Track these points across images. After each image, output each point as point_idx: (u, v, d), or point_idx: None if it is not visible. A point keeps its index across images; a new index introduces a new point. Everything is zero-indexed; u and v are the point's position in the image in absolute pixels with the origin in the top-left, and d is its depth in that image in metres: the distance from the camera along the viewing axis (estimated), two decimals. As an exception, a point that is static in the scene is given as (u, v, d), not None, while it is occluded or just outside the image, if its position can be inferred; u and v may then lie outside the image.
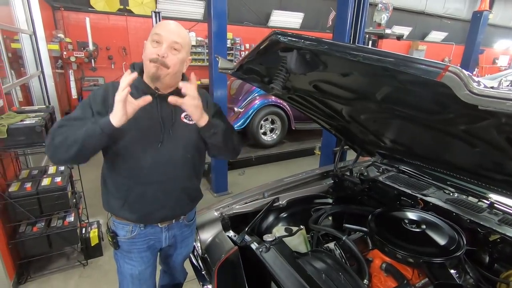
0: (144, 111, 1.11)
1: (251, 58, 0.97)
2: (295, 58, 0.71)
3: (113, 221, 1.26)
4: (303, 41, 0.66)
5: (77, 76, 6.15)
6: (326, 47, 0.63)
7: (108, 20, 6.63)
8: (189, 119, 1.21)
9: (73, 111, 1.15)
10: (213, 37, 2.95)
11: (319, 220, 1.71)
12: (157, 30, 1.09)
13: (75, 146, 1.01)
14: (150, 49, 1.09)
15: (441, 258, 1.22)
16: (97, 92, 1.16)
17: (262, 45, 0.80)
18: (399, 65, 0.51)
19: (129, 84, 0.98)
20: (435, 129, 1.02)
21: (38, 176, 2.28)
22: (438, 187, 1.77)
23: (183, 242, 1.44)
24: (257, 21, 8.34)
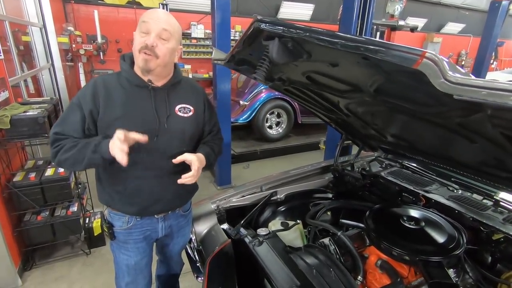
0: (138, 105, 1.13)
1: (239, 48, 0.94)
2: (277, 46, 0.68)
3: (109, 212, 1.27)
4: (283, 28, 0.63)
5: (87, 69, 6.22)
6: (307, 34, 0.60)
7: (117, 13, 6.65)
8: (184, 112, 1.20)
9: (64, 113, 1.14)
10: (216, 29, 2.91)
11: (317, 215, 1.68)
12: (145, 18, 1.06)
13: (79, 167, 1.09)
14: (138, 39, 1.06)
15: (439, 257, 1.18)
16: (86, 91, 1.12)
17: (247, 33, 0.77)
18: (376, 52, 0.48)
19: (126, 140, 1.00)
20: (432, 123, 0.97)
21: (43, 166, 2.32)
22: (442, 184, 1.71)
23: (179, 232, 1.44)
24: (267, 13, 8.21)
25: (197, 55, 7.42)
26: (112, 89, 1.11)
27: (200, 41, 7.36)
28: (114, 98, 1.11)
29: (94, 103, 1.09)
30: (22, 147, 2.46)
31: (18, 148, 2.39)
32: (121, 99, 1.11)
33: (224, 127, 1.49)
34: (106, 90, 1.11)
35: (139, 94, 1.14)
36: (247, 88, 4.87)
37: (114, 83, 1.13)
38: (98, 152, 1.04)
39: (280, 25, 0.63)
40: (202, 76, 7.45)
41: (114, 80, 1.14)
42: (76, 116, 1.10)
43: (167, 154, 1.18)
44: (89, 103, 1.09)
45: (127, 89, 1.13)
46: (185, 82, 1.27)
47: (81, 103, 1.10)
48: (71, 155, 1.06)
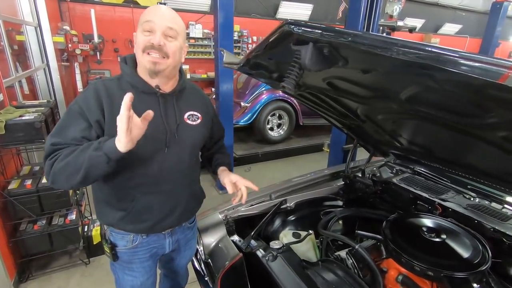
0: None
1: (259, 52, 0.87)
2: (311, 52, 0.60)
3: (111, 231, 1.15)
4: (321, 32, 0.55)
5: (83, 69, 6.10)
6: (350, 39, 0.53)
7: (114, 12, 6.53)
8: (192, 120, 1.13)
9: (62, 121, 0.97)
10: (219, 29, 2.83)
11: (328, 224, 1.61)
12: (148, 17, 0.95)
13: (77, 176, 0.89)
14: (142, 39, 0.95)
15: (464, 273, 1.11)
16: (88, 98, 0.97)
17: (272, 37, 0.69)
18: (446, 63, 0.41)
19: (129, 108, 0.82)
20: (465, 133, 0.91)
21: (39, 173, 2.22)
22: (457, 191, 1.65)
23: (187, 245, 1.36)
24: (265, 13, 8.15)
25: (195, 55, 7.33)
26: (115, 96, 0.98)
27: (198, 41, 7.27)
28: (118, 105, 0.91)
29: (101, 112, 0.96)
30: (18, 152, 2.35)
31: (13, 153, 2.28)
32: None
33: (227, 130, 1.43)
34: (109, 98, 0.97)
35: (146, 101, 1.02)
36: (248, 89, 4.79)
37: (116, 89, 1.00)
38: (102, 149, 0.87)
39: (318, 29, 0.56)
40: (200, 76, 7.36)
41: (115, 86, 1.01)
42: (79, 125, 0.96)
43: (179, 166, 1.11)
44: (95, 113, 0.96)
45: (134, 97, 1.02)
46: (190, 86, 1.19)
47: (84, 112, 0.96)
48: (69, 161, 0.89)
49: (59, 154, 0.92)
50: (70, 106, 0.98)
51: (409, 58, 0.44)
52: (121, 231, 1.13)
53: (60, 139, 0.94)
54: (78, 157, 0.89)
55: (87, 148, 0.90)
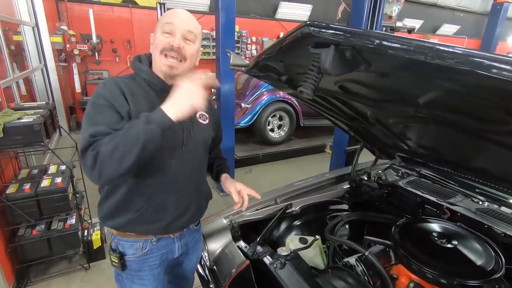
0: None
1: (271, 54, 0.83)
2: (332, 56, 0.57)
3: (118, 240, 1.10)
4: (345, 35, 0.52)
5: (81, 70, 6.04)
6: (377, 42, 0.49)
7: (112, 12, 6.48)
8: (203, 119, 1.15)
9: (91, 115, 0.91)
10: (220, 30, 2.80)
11: (335, 229, 1.58)
12: (168, 19, 0.97)
13: (133, 153, 0.82)
14: (161, 40, 0.96)
15: (478, 281, 1.09)
16: (112, 90, 0.94)
17: (289, 39, 0.66)
18: (490, 69, 0.38)
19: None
20: (483, 137, 0.88)
21: (38, 176, 2.18)
22: (465, 195, 1.63)
23: (194, 247, 1.33)
24: (264, 13, 8.12)
25: (194, 56, 7.27)
26: (135, 93, 0.98)
27: (197, 41, 7.21)
28: (139, 100, 0.97)
29: (127, 102, 0.94)
30: (15, 156, 2.30)
31: (11, 157, 2.23)
32: (146, 103, 0.97)
33: (228, 131, 1.44)
34: (131, 92, 0.97)
35: (162, 99, 0.94)
36: (248, 90, 4.76)
37: (134, 86, 1.00)
38: (153, 121, 0.83)
39: (341, 31, 0.53)
40: (200, 77, 7.30)
41: (132, 83, 1.00)
42: (111, 114, 0.91)
43: (193, 164, 1.12)
44: (123, 104, 0.93)
45: (149, 92, 1.01)
46: None
47: (112, 103, 0.92)
48: (118, 142, 0.82)
49: (101, 141, 0.85)
50: (94, 101, 0.93)
51: (447, 63, 0.41)
52: (130, 239, 1.08)
53: (97, 129, 0.87)
54: (128, 135, 0.83)
55: (134, 125, 0.84)
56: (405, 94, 0.79)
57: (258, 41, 8.35)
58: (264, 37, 8.41)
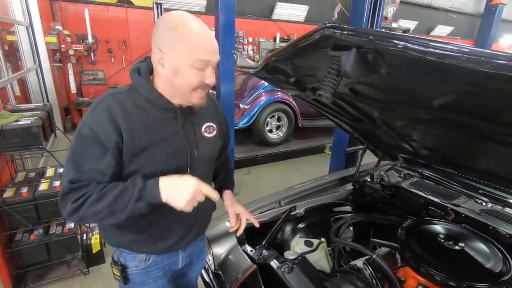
0: (165, 131, 0.93)
1: (283, 56, 0.82)
2: (353, 58, 0.56)
3: (120, 252, 1.06)
4: (369, 37, 0.51)
5: (76, 70, 5.96)
6: (402, 45, 0.48)
7: (107, 12, 6.41)
8: (209, 132, 1.06)
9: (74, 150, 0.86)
10: (220, 31, 2.77)
11: (340, 231, 1.57)
12: (204, 56, 0.84)
13: (115, 219, 0.86)
14: (194, 78, 0.85)
15: (487, 283, 1.08)
16: (101, 120, 0.84)
17: (306, 41, 0.64)
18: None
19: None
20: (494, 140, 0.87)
21: (35, 179, 2.13)
22: (468, 196, 1.63)
23: (199, 258, 1.30)
24: (261, 14, 8.12)
25: (191, 56, 7.23)
26: (132, 115, 0.88)
27: (194, 42, 7.17)
28: (136, 123, 0.87)
29: (117, 132, 0.85)
30: (12, 159, 2.25)
31: (7, 160, 2.18)
32: (144, 125, 0.89)
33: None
34: (125, 115, 0.86)
35: (164, 117, 0.93)
36: (246, 91, 4.74)
37: (131, 105, 0.89)
38: (144, 198, 0.83)
39: (365, 34, 0.51)
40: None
41: (128, 101, 0.89)
42: (95, 152, 0.84)
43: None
44: (111, 137, 0.84)
45: (148, 111, 0.90)
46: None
47: (99, 137, 0.84)
48: (105, 207, 0.83)
49: (84, 197, 0.83)
50: (81, 130, 0.86)
51: (482, 67, 0.40)
52: (132, 252, 1.05)
53: (79, 175, 0.84)
54: (114, 204, 0.83)
55: (124, 195, 0.83)
56: (420, 96, 0.78)
57: (254, 42, 8.34)
58: (261, 38, 8.40)
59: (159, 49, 0.84)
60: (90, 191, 0.84)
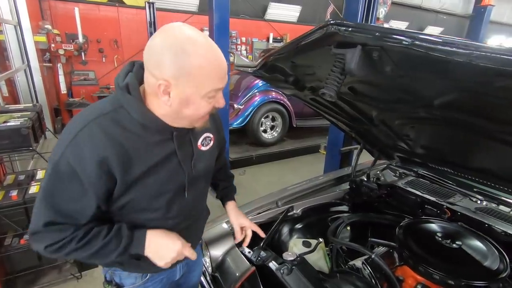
0: (160, 154, 0.83)
1: (283, 54, 0.80)
2: (358, 56, 0.54)
3: (114, 270, 1.00)
4: (376, 33, 0.50)
5: (66, 70, 5.84)
6: (409, 41, 0.47)
7: (98, 11, 6.31)
8: (206, 144, 0.97)
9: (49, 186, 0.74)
10: (214, 30, 2.75)
11: (337, 230, 1.57)
12: (219, 84, 0.76)
13: (95, 261, 0.84)
14: (206, 107, 0.78)
15: (485, 281, 1.09)
16: (84, 155, 0.72)
17: (309, 38, 0.63)
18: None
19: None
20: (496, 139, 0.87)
21: (25, 182, 2.07)
22: (463, 194, 1.65)
23: (196, 264, 1.27)
24: (254, 14, 8.11)
25: (184, 56, 7.17)
26: (121, 140, 0.75)
27: (187, 42, 7.11)
28: (127, 153, 0.76)
29: (105, 168, 0.74)
30: (0, 160, 2.18)
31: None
32: (137, 152, 0.78)
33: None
34: (114, 145, 0.74)
35: (158, 139, 0.82)
36: (240, 91, 4.72)
37: (120, 131, 0.76)
38: (127, 252, 0.80)
39: (371, 30, 0.50)
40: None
41: (115, 125, 0.75)
42: (77, 190, 0.74)
43: (197, 200, 1.02)
44: (98, 171, 0.73)
45: (141, 135, 0.78)
46: None
47: (80, 172, 0.72)
48: (85, 257, 0.78)
49: (62, 243, 0.76)
50: (57, 164, 0.72)
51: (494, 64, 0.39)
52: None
53: (55, 217, 0.74)
54: (96, 255, 0.79)
55: (107, 246, 0.78)
56: (421, 95, 0.78)
57: (248, 42, 8.32)
58: (254, 38, 8.39)
59: (165, 80, 0.70)
60: (69, 237, 0.76)
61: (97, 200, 0.76)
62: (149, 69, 0.73)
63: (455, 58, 0.43)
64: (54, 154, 0.74)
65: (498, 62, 0.38)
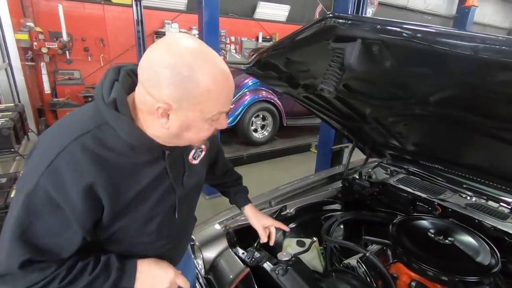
0: (150, 174, 0.76)
1: (278, 50, 0.78)
2: (358, 50, 0.53)
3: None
4: (377, 26, 0.48)
5: (50, 69, 5.66)
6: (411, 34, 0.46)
7: (83, 9, 6.15)
8: (197, 156, 0.90)
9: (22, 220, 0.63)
10: (204, 28, 2.71)
11: (331, 229, 1.56)
12: (223, 107, 0.69)
13: None
14: (208, 131, 0.71)
15: (478, 276, 1.10)
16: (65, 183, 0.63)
17: (306, 32, 0.61)
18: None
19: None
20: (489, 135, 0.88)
21: (7, 185, 1.98)
22: (453, 191, 1.67)
23: (186, 267, 1.23)
24: (243, 13, 8.07)
25: (172, 55, 7.08)
26: (107, 163, 0.67)
27: (175, 41, 7.02)
28: (116, 178, 0.68)
29: (92, 197, 0.66)
30: (-20, 163, 2.08)
31: (-26, 164, 2.02)
32: (126, 175, 0.70)
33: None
34: (101, 170, 0.66)
35: (149, 158, 0.75)
36: (230, 90, 4.68)
37: (104, 151, 0.67)
38: (119, 285, 0.73)
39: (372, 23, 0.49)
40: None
41: (100, 146, 0.66)
42: (58, 223, 0.65)
43: (188, 219, 0.99)
44: (83, 201, 0.65)
45: (128, 155, 0.70)
46: None
47: (61, 203, 0.63)
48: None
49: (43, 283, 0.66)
50: (32, 194, 0.62)
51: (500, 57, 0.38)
52: None
53: (32, 255, 0.64)
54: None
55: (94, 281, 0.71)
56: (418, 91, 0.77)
57: (237, 41, 8.28)
58: (243, 37, 8.36)
59: (166, 102, 0.62)
60: (50, 276, 0.66)
61: (83, 231, 0.67)
62: (145, 87, 0.63)
63: (460, 51, 0.42)
64: (26, 183, 0.63)
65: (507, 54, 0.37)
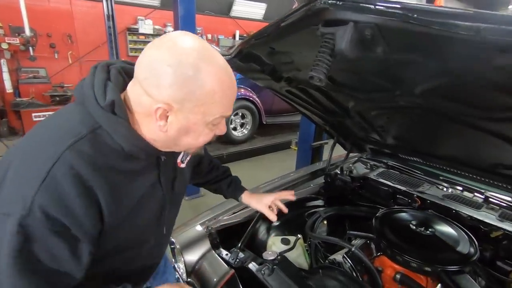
0: (147, 187, 0.73)
1: (262, 39, 0.74)
2: (350, 34, 0.50)
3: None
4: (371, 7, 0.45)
5: (12, 67, 5.27)
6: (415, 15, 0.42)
7: (48, 2, 5.79)
8: (184, 158, 0.85)
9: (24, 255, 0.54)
10: (180, 23, 2.61)
11: (314, 225, 1.55)
12: (226, 111, 0.66)
13: None
14: (207, 136, 0.68)
15: (459, 266, 1.13)
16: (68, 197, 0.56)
17: (293, 17, 0.57)
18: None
19: None
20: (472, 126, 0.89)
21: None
22: (430, 183, 1.72)
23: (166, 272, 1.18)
24: (219, 11, 7.98)
25: (146, 53, 6.86)
26: (106, 171, 0.62)
27: (149, 38, 6.82)
28: (115, 185, 0.64)
29: (96, 210, 0.61)
30: None
31: None
32: (123, 182, 0.66)
33: None
34: (100, 180, 0.61)
35: (144, 165, 0.71)
36: (208, 88, 4.60)
37: (103, 158, 0.62)
38: None
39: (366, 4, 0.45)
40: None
41: (98, 153, 0.61)
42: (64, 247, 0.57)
43: (173, 222, 0.96)
44: (89, 216, 0.59)
45: (124, 161, 0.66)
46: None
47: (66, 222, 0.56)
48: None
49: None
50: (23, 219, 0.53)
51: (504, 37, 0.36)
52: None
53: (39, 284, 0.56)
54: None
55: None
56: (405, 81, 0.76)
57: (214, 39, 8.17)
58: (220, 35, 8.26)
59: (166, 103, 0.59)
60: None
61: (91, 248, 0.62)
62: (143, 86, 0.60)
63: (460, 32, 0.39)
64: (14, 207, 0.54)
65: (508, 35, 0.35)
